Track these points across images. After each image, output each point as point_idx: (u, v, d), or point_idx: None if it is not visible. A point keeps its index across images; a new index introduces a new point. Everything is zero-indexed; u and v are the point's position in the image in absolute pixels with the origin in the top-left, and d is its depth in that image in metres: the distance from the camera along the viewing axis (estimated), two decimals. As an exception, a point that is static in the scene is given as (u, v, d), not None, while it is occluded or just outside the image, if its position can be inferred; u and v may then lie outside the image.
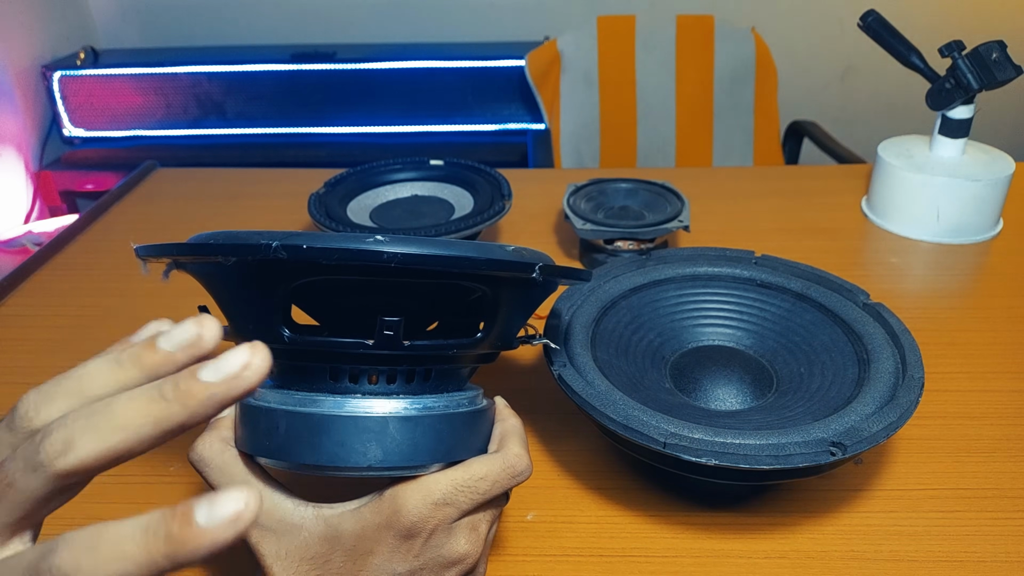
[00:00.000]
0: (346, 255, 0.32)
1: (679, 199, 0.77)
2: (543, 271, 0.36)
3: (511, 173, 0.84)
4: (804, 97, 2.01)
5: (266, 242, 0.32)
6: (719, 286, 0.59)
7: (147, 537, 0.21)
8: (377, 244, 0.32)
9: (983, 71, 0.78)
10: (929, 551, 0.46)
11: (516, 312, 0.39)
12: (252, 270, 0.34)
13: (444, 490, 0.36)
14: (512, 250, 0.36)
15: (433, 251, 0.33)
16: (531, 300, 0.40)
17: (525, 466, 0.38)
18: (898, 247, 0.83)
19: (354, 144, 1.87)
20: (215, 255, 0.33)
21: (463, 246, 0.34)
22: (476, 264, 0.34)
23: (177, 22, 2.03)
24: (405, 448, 0.36)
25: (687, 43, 1.49)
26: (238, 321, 0.37)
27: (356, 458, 0.35)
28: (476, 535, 0.37)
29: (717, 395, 0.52)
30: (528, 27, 1.97)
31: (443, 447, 0.37)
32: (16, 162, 1.80)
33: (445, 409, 0.37)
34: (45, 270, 0.81)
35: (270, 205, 0.94)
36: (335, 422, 0.35)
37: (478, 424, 0.39)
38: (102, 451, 0.23)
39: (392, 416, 0.36)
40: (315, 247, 0.31)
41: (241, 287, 0.35)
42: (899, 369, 0.49)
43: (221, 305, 0.38)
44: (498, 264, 0.35)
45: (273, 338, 0.35)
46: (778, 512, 0.49)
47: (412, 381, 0.37)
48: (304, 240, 0.32)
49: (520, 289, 0.38)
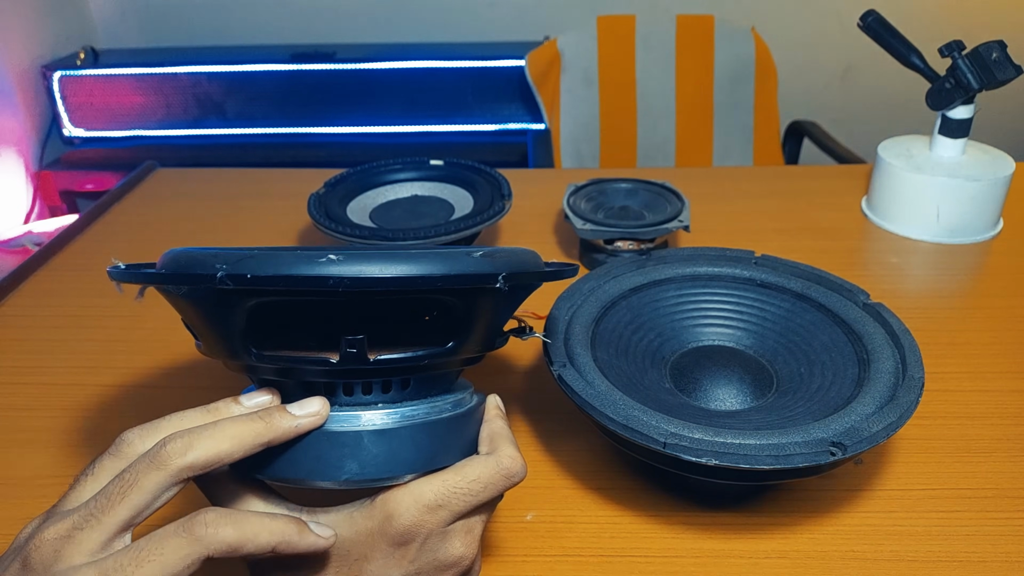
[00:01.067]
0: (291, 281, 0.31)
1: (679, 199, 0.77)
2: (508, 279, 0.35)
3: (511, 173, 0.84)
4: (804, 97, 2.01)
5: (210, 272, 0.31)
6: (719, 286, 0.59)
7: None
8: (326, 267, 0.31)
9: (983, 71, 0.78)
10: (929, 551, 0.46)
11: (493, 317, 0.38)
12: (206, 295, 0.33)
13: (437, 493, 0.35)
14: (481, 255, 0.35)
15: (382, 272, 0.32)
16: (508, 304, 0.39)
17: (520, 467, 0.38)
18: (898, 247, 0.83)
19: (354, 144, 1.87)
20: (164, 284, 0.33)
21: (420, 260, 0.33)
22: (432, 281, 0.33)
23: (177, 22, 2.03)
24: (382, 460, 0.35)
25: (687, 43, 1.49)
26: (206, 339, 0.37)
27: (332, 472, 0.35)
28: (471, 537, 0.37)
29: (717, 395, 0.52)
30: (528, 27, 1.97)
31: (423, 456, 0.36)
32: (16, 162, 1.80)
33: (425, 417, 0.36)
34: (45, 270, 0.81)
35: (270, 205, 0.94)
36: (310, 437, 0.35)
37: (462, 428, 0.38)
38: (213, 453, 0.32)
39: (365, 430, 0.35)
40: (259, 275, 0.31)
41: (200, 310, 0.35)
42: (899, 369, 0.49)
43: (188, 324, 0.38)
44: (456, 279, 0.33)
45: (240, 356, 0.35)
46: (778, 512, 0.49)
47: (389, 391, 0.37)
48: (250, 267, 0.31)
49: (491, 296, 0.36)
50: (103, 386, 0.63)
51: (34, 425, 0.58)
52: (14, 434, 0.58)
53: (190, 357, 0.66)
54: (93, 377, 0.64)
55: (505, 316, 0.39)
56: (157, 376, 0.64)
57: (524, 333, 0.44)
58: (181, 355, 0.66)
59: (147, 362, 0.65)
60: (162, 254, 0.36)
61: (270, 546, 0.31)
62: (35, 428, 0.58)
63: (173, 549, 0.30)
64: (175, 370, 0.64)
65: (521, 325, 0.44)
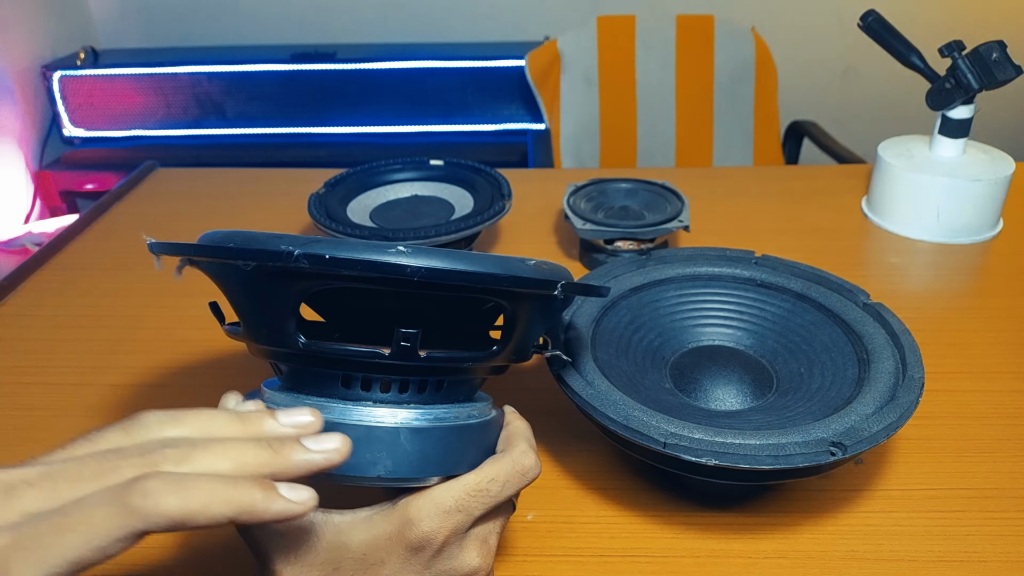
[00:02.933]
0: (369, 267, 0.31)
1: (679, 199, 0.77)
2: (565, 289, 0.36)
3: (511, 173, 0.84)
4: (804, 97, 2.01)
5: (287, 249, 0.31)
6: (719, 286, 0.59)
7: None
8: (400, 256, 0.31)
9: (983, 71, 0.78)
10: (929, 551, 0.46)
11: (534, 326, 0.39)
12: (270, 275, 0.34)
13: (456, 497, 0.35)
14: (534, 265, 0.36)
15: (456, 266, 0.32)
16: (549, 314, 0.40)
17: (533, 463, 0.38)
18: (898, 247, 0.83)
19: (354, 144, 1.87)
20: (234, 259, 0.33)
21: (486, 261, 0.34)
22: (499, 280, 0.33)
23: (177, 22, 2.03)
24: (415, 459, 0.35)
25: (687, 43, 1.49)
26: (251, 323, 0.37)
27: (366, 467, 0.35)
28: (487, 548, 0.37)
29: (717, 395, 0.52)
30: (528, 27, 1.97)
31: (452, 459, 0.36)
32: (16, 162, 1.80)
33: (456, 420, 0.37)
34: (45, 270, 0.81)
35: (270, 205, 0.94)
36: (346, 430, 0.34)
37: (487, 436, 0.39)
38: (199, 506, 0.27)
39: (403, 427, 0.35)
40: (338, 257, 0.31)
41: (257, 291, 0.35)
42: (899, 369, 0.49)
43: (234, 305, 0.37)
44: (522, 281, 0.34)
45: (286, 342, 0.35)
46: (778, 512, 0.49)
47: (424, 391, 0.37)
48: (326, 249, 0.31)
49: (540, 304, 0.38)
50: (104, 386, 0.63)
51: (35, 424, 0.58)
52: (15, 433, 0.58)
53: (192, 357, 0.66)
54: (94, 377, 0.64)
55: (546, 324, 0.40)
56: (158, 375, 0.64)
57: (546, 350, 0.44)
58: (182, 354, 0.66)
59: (148, 361, 0.65)
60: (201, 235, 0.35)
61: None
62: (36, 428, 0.58)
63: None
64: (176, 370, 0.64)
65: (544, 341, 0.45)
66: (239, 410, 0.32)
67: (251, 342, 0.38)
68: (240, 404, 0.37)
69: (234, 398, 0.38)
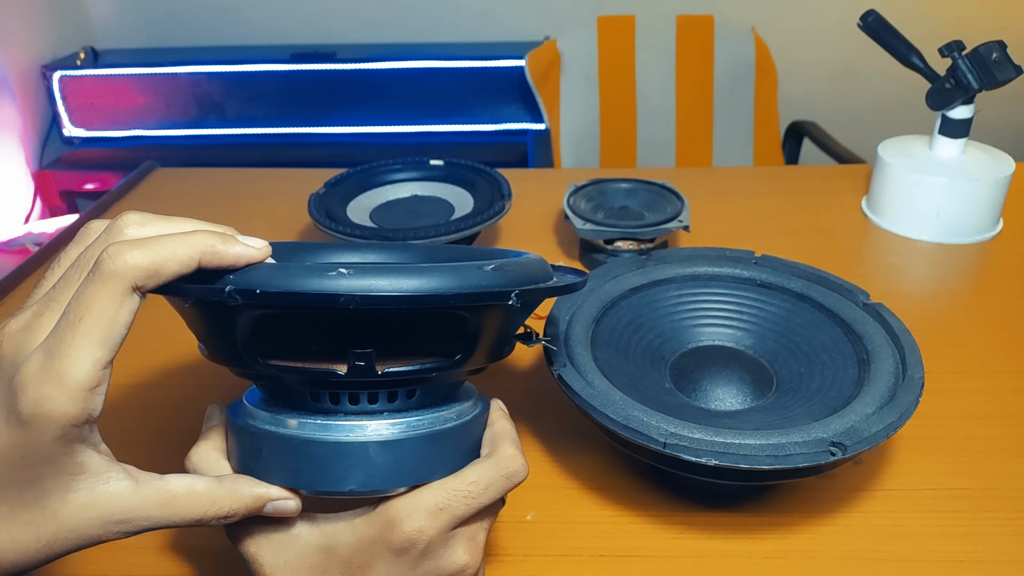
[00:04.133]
0: (300, 299, 0.31)
1: (679, 199, 0.77)
2: (521, 296, 0.34)
3: (511, 173, 0.84)
4: (804, 97, 2.01)
5: (219, 287, 0.31)
6: (719, 286, 0.59)
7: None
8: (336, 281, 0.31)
9: (983, 71, 0.78)
10: (929, 551, 0.46)
11: (503, 329, 0.38)
12: (211, 307, 0.33)
13: (437, 498, 0.35)
14: (492, 269, 0.34)
15: (393, 289, 0.31)
16: (518, 317, 0.38)
17: (519, 466, 0.37)
18: (898, 247, 0.83)
19: (354, 144, 1.87)
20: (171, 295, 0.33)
21: (432, 275, 0.32)
22: (443, 299, 0.32)
23: (177, 22, 2.03)
24: (386, 471, 0.35)
25: (687, 43, 1.49)
26: (211, 348, 0.37)
27: (337, 483, 0.34)
28: (475, 544, 0.37)
29: (717, 395, 0.52)
30: (528, 27, 1.97)
31: (426, 467, 0.36)
32: (16, 162, 1.80)
33: (431, 427, 0.36)
34: (45, 270, 0.81)
35: (270, 205, 0.94)
36: (315, 447, 0.34)
37: (466, 437, 0.38)
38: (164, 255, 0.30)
39: (371, 441, 0.35)
40: (268, 291, 0.31)
41: (206, 320, 0.35)
42: (899, 369, 0.49)
43: (193, 332, 0.37)
44: (468, 296, 0.33)
45: (244, 363, 0.35)
46: (778, 512, 0.49)
47: (395, 400, 0.36)
48: (258, 282, 0.31)
49: (502, 311, 0.36)
50: (103, 386, 0.62)
51: (34, 425, 0.58)
52: (14, 434, 0.57)
53: (192, 357, 0.66)
54: (93, 377, 0.64)
55: (514, 328, 0.39)
56: (158, 375, 0.64)
57: (531, 340, 0.43)
58: (182, 355, 0.66)
59: (148, 361, 0.65)
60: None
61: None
62: (35, 428, 0.58)
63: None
64: (177, 369, 0.64)
65: (527, 331, 0.44)
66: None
67: (216, 361, 0.38)
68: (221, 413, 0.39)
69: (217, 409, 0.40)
